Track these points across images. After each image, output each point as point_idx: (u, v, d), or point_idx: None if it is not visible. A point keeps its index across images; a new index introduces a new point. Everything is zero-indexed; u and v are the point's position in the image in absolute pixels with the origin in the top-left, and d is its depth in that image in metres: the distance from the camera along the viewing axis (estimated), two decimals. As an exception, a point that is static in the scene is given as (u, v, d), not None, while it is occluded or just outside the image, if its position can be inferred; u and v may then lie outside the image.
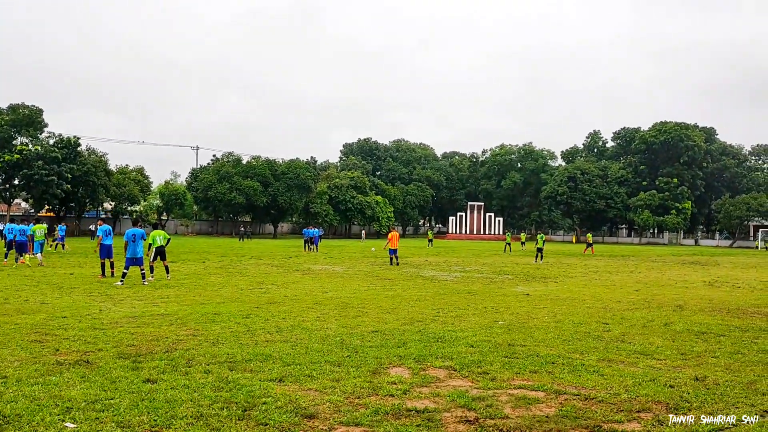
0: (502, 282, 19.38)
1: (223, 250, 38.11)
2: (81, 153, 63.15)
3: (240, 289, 15.51)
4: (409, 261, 29.95)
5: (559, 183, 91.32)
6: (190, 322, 10.15)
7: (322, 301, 13.20)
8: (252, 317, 10.72)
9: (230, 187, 74.56)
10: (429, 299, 14.00)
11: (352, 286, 17.01)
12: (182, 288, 15.60)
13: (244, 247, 42.80)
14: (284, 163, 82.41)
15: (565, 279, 21.25)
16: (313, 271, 22.44)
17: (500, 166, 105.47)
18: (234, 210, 77.84)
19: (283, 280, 18.47)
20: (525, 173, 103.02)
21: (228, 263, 25.49)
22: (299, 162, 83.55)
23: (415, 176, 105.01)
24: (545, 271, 25.17)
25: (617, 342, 9.05)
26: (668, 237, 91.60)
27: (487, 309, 12.43)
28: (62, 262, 24.41)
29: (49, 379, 6.43)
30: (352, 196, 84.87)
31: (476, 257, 35.60)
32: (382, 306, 12.57)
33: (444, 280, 19.43)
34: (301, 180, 78.17)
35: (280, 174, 78.79)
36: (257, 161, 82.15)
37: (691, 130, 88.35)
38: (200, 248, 39.56)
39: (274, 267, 23.97)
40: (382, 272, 22.27)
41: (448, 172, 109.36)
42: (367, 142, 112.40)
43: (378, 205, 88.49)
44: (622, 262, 33.03)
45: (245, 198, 74.36)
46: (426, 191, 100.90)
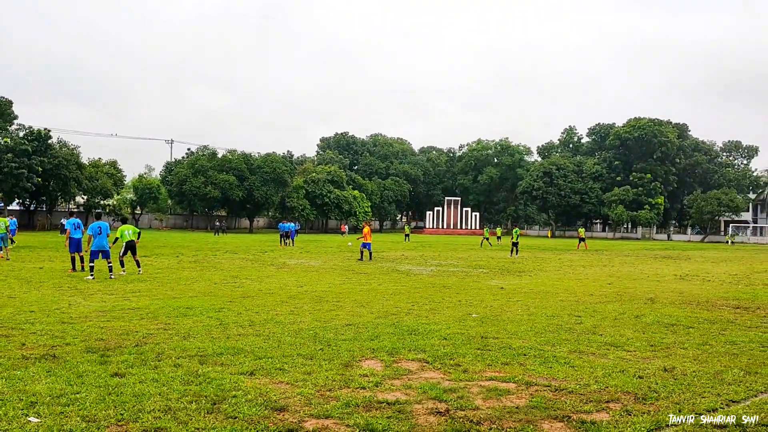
0: (477, 276, 19.48)
1: (198, 244, 37.81)
2: (52, 146, 61.99)
3: (213, 284, 15.42)
4: (386, 255, 29.96)
5: (535, 178, 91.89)
6: (162, 316, 10.06)
7: (296, 295, 13.14)
8: (225, 311, 10.66)
9: (205, 181, 73.87)
10: (404, 293, 14.04)
11: (328, 280, 16.98)
12: (155, 282, 15.44)
13: (219, 242, 42.47)
14: (260, 157, 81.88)
15: (540, 273, 21.42)
16: (289, 265, 22.36)
17: (477, 161, 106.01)
18: (209, 204, 77.08)
19: (258, 274, 18.38)
20: (501, 168, 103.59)
21: (202, 257, 25.31)
22: (275, 156, 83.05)
23: (392, 171, 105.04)
24: (520, 265, 25.33)
25: (589, 334, 9.14)
26: (641, 232, 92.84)
27: (461, 302, 12.52)
28: (31, 256, 24.00)
29: (14, 374, 6.31)
30: (329, 191, 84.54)
31: (452, 251, 35.71)
32: (357, 300, 12.59)
33: (420, 274, 19.47)
34: (278, 174, 77.75)
35: (256, 168, 78.29)
36: (233, 155, 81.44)
37: (664, 127, 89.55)
38: (174, 242, 39.16)
39: (249, 261, 23.84)
40: (359, 267, 22.27)
41: (425, 167, 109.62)
42: (344, 137, 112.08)
43: (355, 200, 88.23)
44: (595, 257, 33.38)
45: (220, 192, 73.77)
46: (403, 186, 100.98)
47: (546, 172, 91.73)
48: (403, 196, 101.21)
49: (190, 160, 79.24)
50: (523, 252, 35.97)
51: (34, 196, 62.66)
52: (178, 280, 16.22)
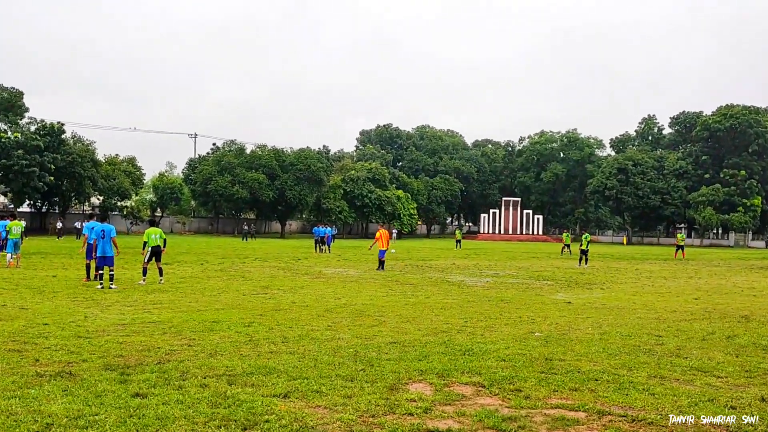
0: (541, 288, 19.46)
1: (224, 250, 38.46)
2: (65, 141, 63.82)
3: (242, 295, 15.70)
4: (435, 264, 30.05)
5: (608, 175, 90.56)
6: (186, 330, 10.28)
7: (334, 309, 13.33)
8: (255, 326, 10.86)
9: (232, 180, 75.08)
10: (456, 307, 14.11)
11: (369, 292, 17.16)
12: (177, 293, 15.77)
13: (247, 248, 43.16)
14: (293, 152, 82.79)
15: (613, 285, 21.26)
16: (325, 274, 22.63)
17: (540, 156, 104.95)
18: (236, 206, 78.37)
19: (291, 284, 18.65)
20: (568, 164, 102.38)
21: (229, 265, 25.77)
22: (310, 152, 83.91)
23: (441, 167, 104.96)
24: (590, 276, 25.15)
25: (671, 357, 9.02)
26: (734, 238, 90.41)
27: (522, 319, 12.50)
28: (44, 263, 24.77)
29: (28, 393, 6.53)
30: (369, 190, 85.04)
31: (511, 260, 35.63)
32: (402, 314, 12.69)
33: (473, 286, 19.54)
34: (312, 172, 78.51)
35: (289, 165, 79.20)
36: (263, 151, 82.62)
37: (761, 115, 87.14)
38: (198, 249, 39.95)
39: (280, 270, 24.22)
40: (403, 277, 22.44)
41: (479, 163, 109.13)
42: (386, 129, 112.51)
43: (399, 201, 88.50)
44: (679, 267, 32.77)
45: (249, 192, 74.86)
46: (454, 185, 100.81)
47: (621, 168, 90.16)
48: (454, 196, 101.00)
49: (216, 157, 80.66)
50: (593, 261, 35.59)
51: (45, 196, 64.47)
52: (203, 290, 16.53)
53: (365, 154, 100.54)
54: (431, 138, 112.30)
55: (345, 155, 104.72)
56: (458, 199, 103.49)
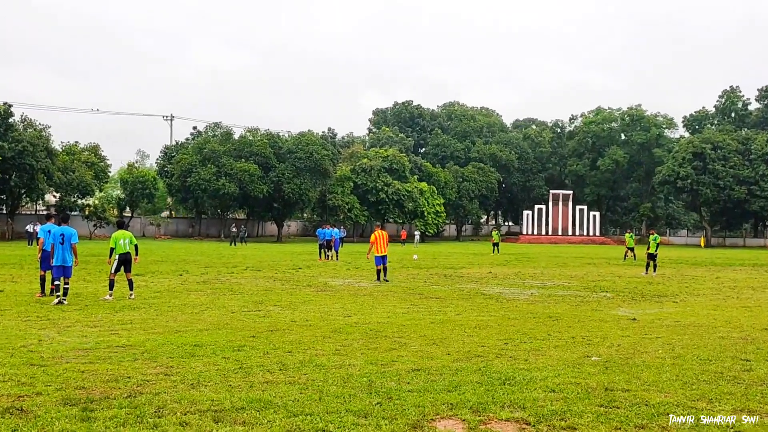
0: (598, 302, 19.35)
1: (208, 258, 38.51)
2: (14, 126, 64.05)
3: (230, 312, 15.71)
4: (467, 273, 29.95)
5: (681, 162, 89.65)
6: (162, 356, 10.28)
7: (343, 329, 13.34)
8: (246, 350, 10.89)
9: (217, 172, 75.25)
10: (493, 326, 14.06)
11: (386, 307, 17.14)
12: (152, 310, 15.76)
13: (236, 255, 43.14)
14: (292, 137, 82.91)
15: (689, 298, 21.12)
16: (332, 287, 22.63)
17: (596, 139, 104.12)
18: (223, 203, 78.49)
19: (290, 299, 18.64)
20: (631, 148, 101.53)
21: (214, 276, 25.80)
22: (312, 136, 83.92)
23: (474, 154, 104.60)
24: (660, 286, 24.97)
25: (762, 386, 8.93)
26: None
27: (575, 340, 12.48)
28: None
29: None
30: (385, 183, 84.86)
31: (561, 268, 35.48)
32: (428, 335, 12.65)
33: (515, 300, 19.48)
34: (316, 161, 78.51)
35: (287, 153, 79.29)
36: (255, 135, 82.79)
37: None
38: (177, 256, 39.99)
39: (277, 282, 24.21)
40: (428, 289, 22.33)
41: (521, 148, 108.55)
42: (406, 108, 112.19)
43: (422, 195, 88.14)
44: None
45: (238, 186, 74.98)
46: (490, 175, 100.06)
47: (697, 153, 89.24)
48: (490, 189, 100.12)
49: (197, 144, 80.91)
50: (663, 268, 35.29)
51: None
52: (183, 307, 16.51)
53: (380, 139, 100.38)
54: (461, 118, 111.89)
55: (355, 140, 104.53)
56: (495, 193, 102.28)
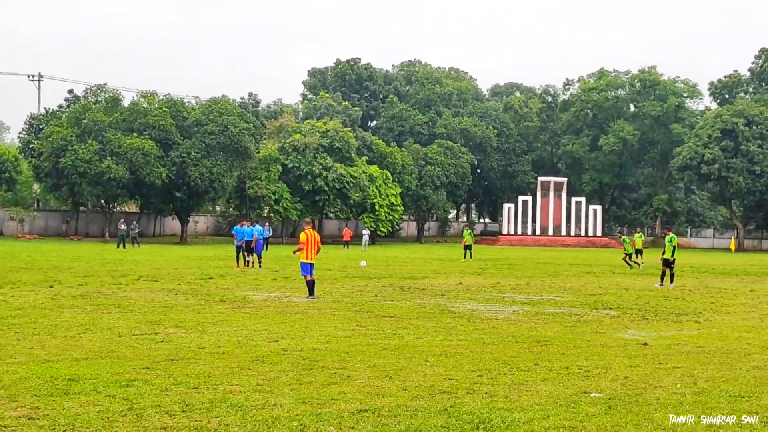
0: (599, 322, 17.73)
1: (88, 264, 35.51)
2: None
3: (117, 336, 14.04)
4: (430, 285, 27.55)
5: (706, 142, 77.17)
6: (25, 394, 9.26)
7: (267, 357, 12.05)
8: (138, 385, 9.89)
9: (101, 150, 64.67)
10: (464, 353, 12.76)
11: (324, 329, 15.53)
12: (11, 333, 14.12)
13: (126, 260, 40.00)
14: (200, 105, 73.56)
15: (715, 316, 19.52)
16: (253, 302, 20.63)
17: (598, 111, 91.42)
18: (108, 191, 66.66)
19: (197, 319, 16.86)
20: (643, 123, 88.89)
21: (96, 289, 23.48)
22: (228, 104, 73.67)
23: (440, 129, 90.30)
24: (679, 302, 23.06)
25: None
26: None
27: (569, 371, 11.36)
28: None
29: None
30: (324, 166, 73.53)
31: (552, 277, 33.11)
32: (378, 365, 11.55)
33: (492, 319, 17.79)
34: (232, 136, 67.90)
35: (193, 126, 69.38)
36: (151, 102, 71.64)
37: None
38: (46, 261, 36.95)
39: (180, 295, 22.02)
40: (379, 305, 20.24)
41: (501, 122, 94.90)
42: (352, 67, 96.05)
43: (373, 183, 77.14)
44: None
45: (129, 169, 64.38)
46: (462, 157, 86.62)
47: (727, 129, 77.03)
48: (462, 175, 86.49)
49: (74, 112, 69.42)
50: (683, 277, 33.20)
51: None
52: (54, 329, 14.82)
53: (318, 108, 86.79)
54: (424, 82, 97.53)
55: (285, 109, 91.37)
56: (468, 181, 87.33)
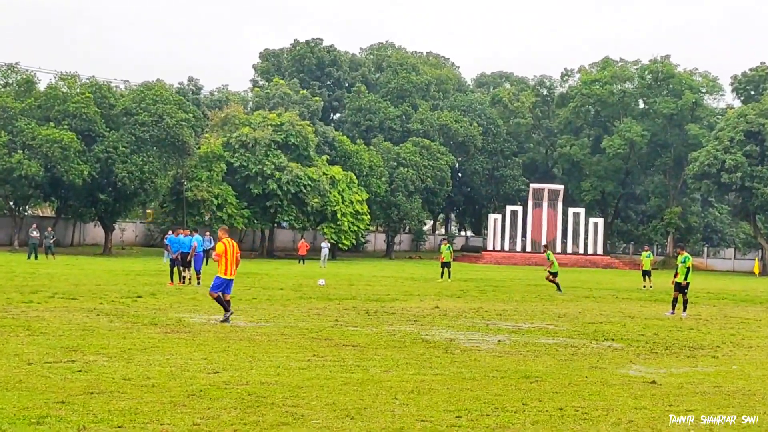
0: (600, 355, 16.08)
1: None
2: None
3: (27, 364, 13.07)
4: (400, 308, 24.87)
5: (728, 145, 70.04)
6: None
7: (206, 392, 11.07)
8: (51, 422, 8.88)
9: (10, 142, 59.61)
10: (440, 390, 11.85)
11: (274, 359, 14.24)
12: None
13: (38, 273, 36.62)
14: (130, 91, 67.20)
15: (736, 351, 17.68)
16: (190, 325, 18.85)
17: (601, 107, 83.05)
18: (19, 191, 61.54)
19: (123, 344, 15.49)
20: (654, 123, 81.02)
21: (1, 307, 21.45)
22: (163, 89, 66.86)
23: (416, 124, 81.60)
24: (693, 333, 20.75)
25: None
26: None
27: (564, 412, 10.47)
28: None
29: None
30: (277, 166, 66.21)
31: (545, 302, 30.04)
32: (338, 403, 10.64)
33: (474, 350, 16.37)
34: (167, 129, 61.66)
35: (122, 115, 63.19)
36: (71, 87, 65.31)
37: None
38: None
39: (103, 316, 20.15)
40: (340, 332, 18.41)
41: (487, 118, 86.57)
42: (312, 49, 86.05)
43: (335, 187, 69.73)
44: None
45: (44, 166, 59.10)
46: (440, 158, 78.85)
47: (752, 131, 70.32)
48: (440, 179, 78.66)
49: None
50: (697, 304, 30.17)
51: None
52: None
53: (271, 97, 77.46)
54: (397, 69, 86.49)
55: (231, 97, 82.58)
56: (447, 185, 79.14)
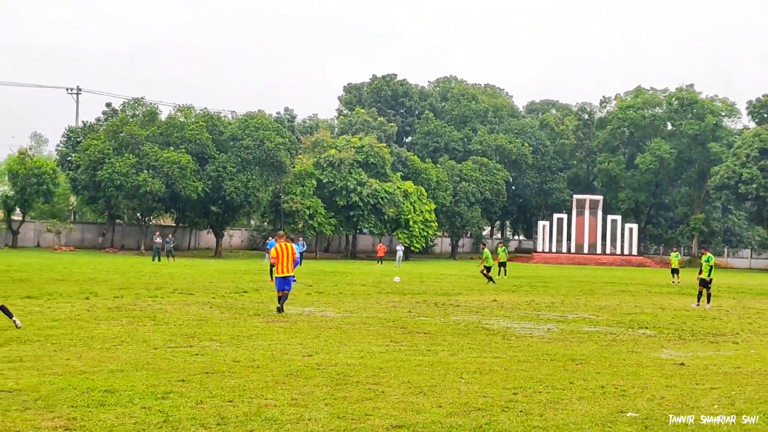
0: (635, 341, 17.40)
1: (124, 277, 35.61)
2: None
3: (152, 348, 13.98)
4: (464, 302, 27.31)
5: (744, 161, 76.24)
6: (62, 405, 9.08)
7: (301, 372, 11.90)
8: (173, 398, 9.72)
9: (137, 163, 63.76)
10: (498, 371, 12.63)
11: (358, 345, 15.28)
12: (48, 344, 14.04)
13: (161, 272, 40.04)
14: (236, 120, 72.37)
15: (753, 337, 19.11)
16: (287, 316, 20.57)
17: (634, 129, 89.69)
18: (144, 205, 66.10)
19: (232, 332, 16.73)
20: (680, 142, 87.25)
21: (131, 301, 23.50)
22: (264, 119, 71.96)
23: (475, 145, 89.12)
24: (716, 322, 22.71)
25: None
26: None
27: (605, 390, 11.17)
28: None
29: None
30: (359, 182, 72.39)
31: (587, 295, 32.71)
32: (412, 382, 11.33)
33: (527, 337, 17.52)
34: (267, 151, 66.86)
35: (229, 140, 68.43)
36: (188, 117, 70.93)
37: None
38: (82, 273, 37.05)
39: (215, 309, 21.95)
40: (413, 321, 20.11)
41: (537, 139, 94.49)
42: (388, 83, 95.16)
43: (408, 199, 75.94)
44: None
45: (165, 183, 63.42)
46: (496, 173, 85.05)
47: (765, 149, 75.86)
48: (496, 192, 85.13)
49: (111, 125, 68.47)
50: (720, 297, 32.77)
51: None
52: (90, 340, 14.71)
53: (353, 124, 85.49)
54: (459, 98, 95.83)
55: (320, 125, 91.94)
56: (503, 197, 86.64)
